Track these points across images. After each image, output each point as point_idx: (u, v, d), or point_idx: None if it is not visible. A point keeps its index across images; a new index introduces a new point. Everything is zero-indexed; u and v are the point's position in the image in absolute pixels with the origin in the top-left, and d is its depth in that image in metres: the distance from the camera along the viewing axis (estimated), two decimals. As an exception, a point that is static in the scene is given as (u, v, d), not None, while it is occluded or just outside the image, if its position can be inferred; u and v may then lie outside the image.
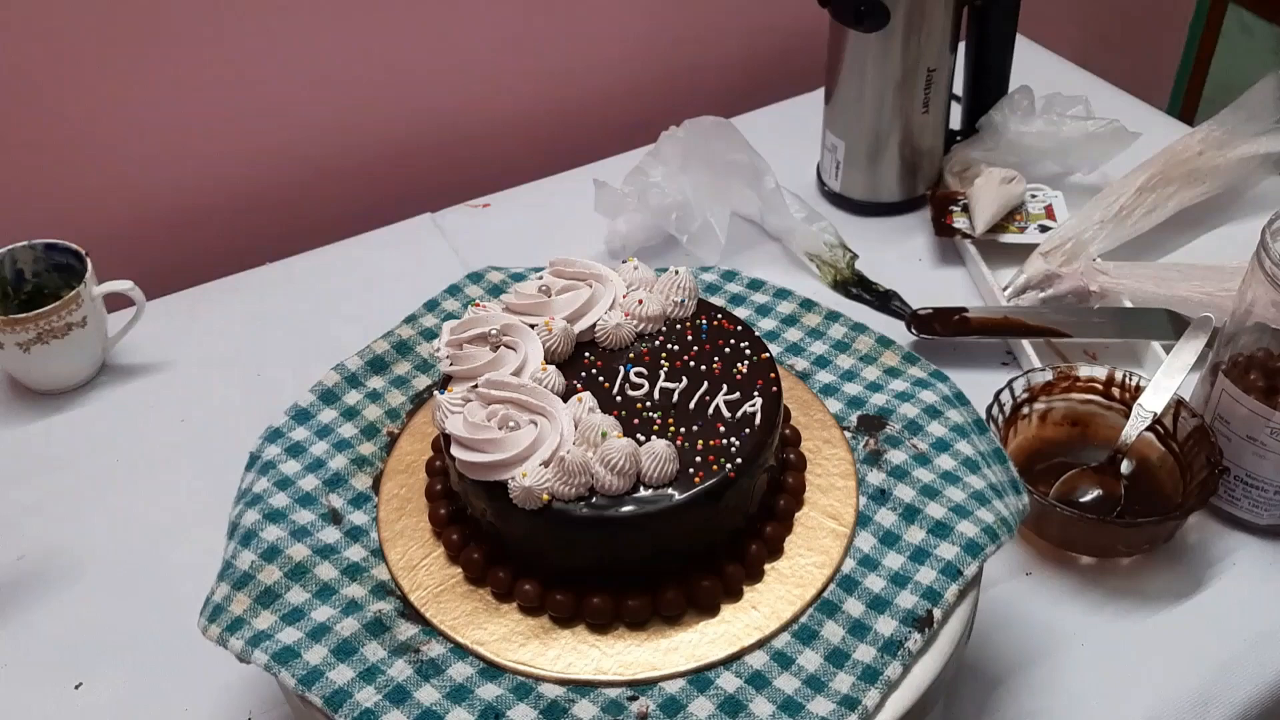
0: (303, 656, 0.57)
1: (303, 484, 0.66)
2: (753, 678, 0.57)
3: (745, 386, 0.63)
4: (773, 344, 0.73)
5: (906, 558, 0.61)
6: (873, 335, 0.73)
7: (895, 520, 0.63)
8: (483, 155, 1.16)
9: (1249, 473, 0.74)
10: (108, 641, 0.72)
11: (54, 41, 0.92)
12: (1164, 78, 1.70)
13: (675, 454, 0.59)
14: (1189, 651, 0.70)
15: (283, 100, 1.04)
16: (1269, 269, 0.68)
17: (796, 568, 0.61)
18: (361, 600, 0.60)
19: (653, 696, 0.56)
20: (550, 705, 0.56)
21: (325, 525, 0.64)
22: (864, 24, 0.96)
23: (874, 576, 0.60)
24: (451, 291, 0.79)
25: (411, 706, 0.55)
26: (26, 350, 0.84)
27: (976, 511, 0.62)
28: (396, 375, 0.73)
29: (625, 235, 0.99)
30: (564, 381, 0.63)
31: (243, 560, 0.62)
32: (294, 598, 0.60)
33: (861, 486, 0.65)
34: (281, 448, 0.68)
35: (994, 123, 1.05)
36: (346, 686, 0.56)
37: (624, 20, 1.16)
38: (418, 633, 0.59)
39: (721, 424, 0.61)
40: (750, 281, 0.79)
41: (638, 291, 0.67)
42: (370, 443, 0.69)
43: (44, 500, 0.81)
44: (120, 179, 1.00)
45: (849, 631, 0.58)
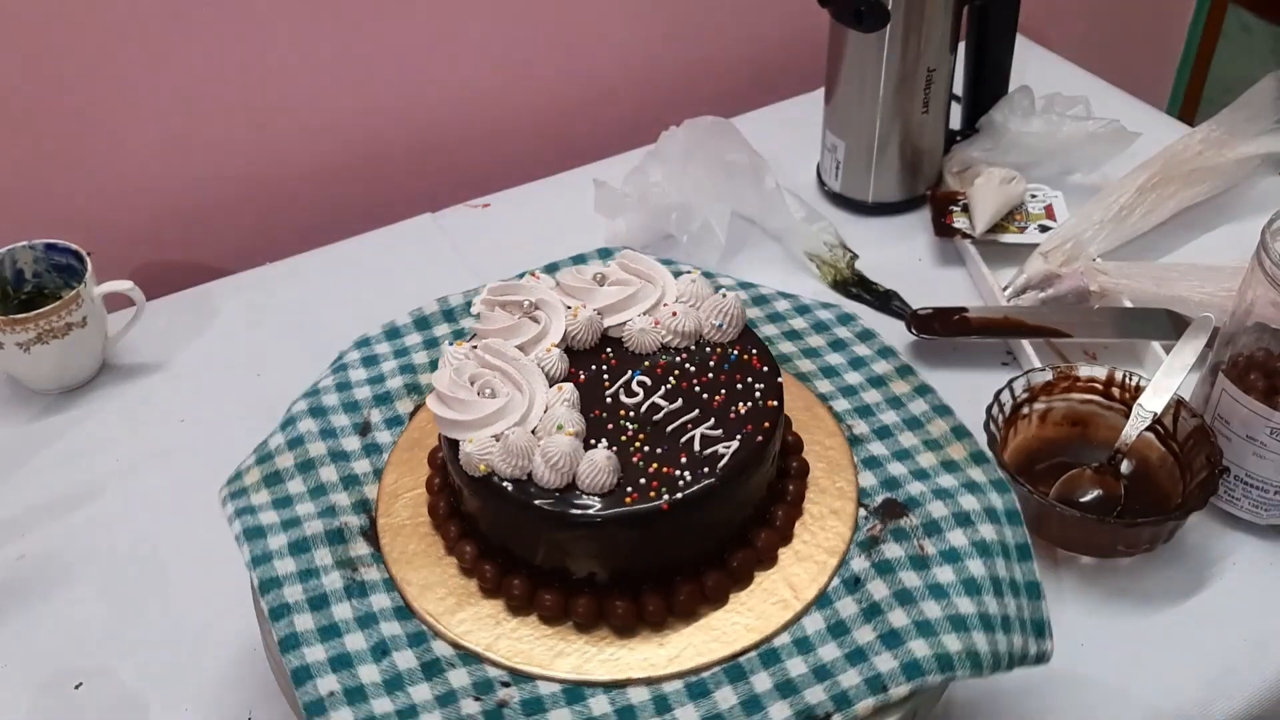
0: (266, 539, 0.62)
1: (357, 392, 0.71)
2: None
3: (732, 427, 0.61)
4: (848, 400, 0.70)
5: (843, 654, 0.58)
6: (951, 421, 0.68)
7: (854, 613, 0.59)
8: (483, 155, 1.16)
9: (1249, 473, 0.74)
10: (108, 641, 0.72)
11: (54, 42, 0.92)
12: (1164, 78, 1.70)
13: (615, 468, 0.58)
14: (1189, 651, 0.70)
15: (283, 100, 1.04)
16: (1269, 269, 0.68)
17: (728, 623, 0.60)
18: (340, 509, 0.64)
19: (522, 690, 0.58)
20: (433, 662, 0.58)
21: (353, 434, 0.68)
22: (864, 24, 0.96)
23: (798, 660, 0.58)
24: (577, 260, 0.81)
25: (322, 616, 0.59)
26: (26, 350, 0.84)
27: (944, 635, 0.57)
28: None
29: (625, 235, 0.99)
30: (566, 368, 0.64)
31: (275, 440, 0.68)
32: (292, 487, 0.65)
33: (841, 568, 0.61)
34: (360, 354, 0.73)
35: (994, 123, 1.05)
36: (282, 579, 0.61)
37: (624, 20, 1.16)
38: (366, 555, 0.63)
39: (686, 455, 0.60)
40: (862, 331, 0.75)
41: (682, 304, 0.66)
42: (432, 373, 0.70)
43: (44, 500, 0.81)
44: (120, 179, 1.00)
45: (741, 703, 0.56)
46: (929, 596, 0.59)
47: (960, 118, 1.10)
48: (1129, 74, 1.31)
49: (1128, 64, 1.49)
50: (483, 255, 1.01)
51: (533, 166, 1.13)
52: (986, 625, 0.58)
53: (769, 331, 0.75)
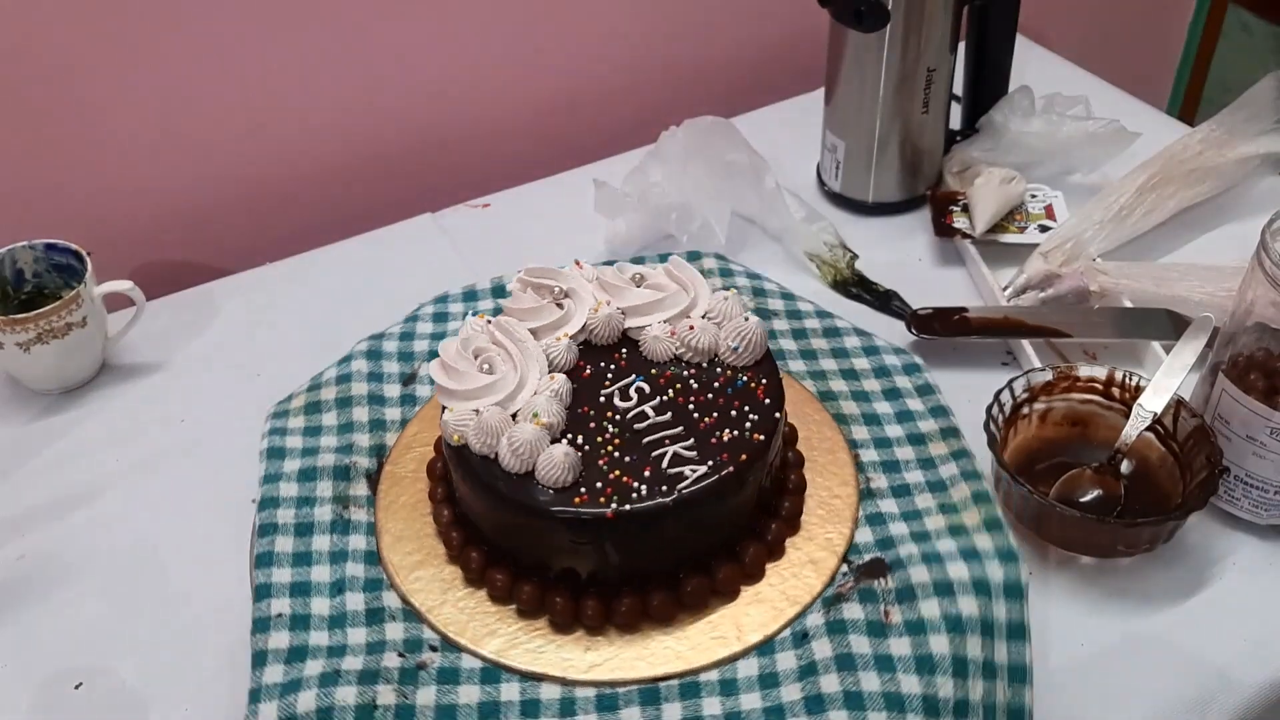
0: (283, 461, 0.68)
1: (416, 344, 0.76)
2: None
3: (708, 452, 0.60)
4: (879, 452, 0.68)
5: (762, 706, 0.57)
6: (975, 486, 0.66)
7: (790, 668, 0.58)
8: (483, 155, 1.16)
9: (1249, 473, 0.74)
10: (108, 641, 0.72)
11: (54, 42, 0.92)
12: (1164, 78, 1.70)
13: (573, 465, 0.59)
14: (1189, 651, 0.70)
15: (283, 100, 1.04)
16: (1269, 269, 0.68)
17: (660, 646, 0.59)
18: (356, 449, 0.69)
19: (445, 659, 0.60)
20: (377, 610, 0.61)
21: (397, 382, 0.73)
22: (864, 24, 0.96)
23: (715, 700, 0.57)
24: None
25: (301, 543, 0.64)
26: (26, 350, 0.84)
27: (871, 712, 0.55)
28: None
29: (625, 235, 0.99)
30: (573, 358, 0.65)
31: (328, 372, 0.74)
32: (325, 420, 0.71)
33: (796, 620, 0.60)
34: (433, 309, 0.79)
35: (994, 123, 1.05)
36: (281, 500, 0.67)
37: (624, 20, 1.16)
38: (362, 496, 0.66)
39: (651, 469, 0.60)
40: (923, 385, 0.74)
41: (707, 319, 0.65)
42: None
43: (44, 500, 0.81)
44: (120, 179, 1.00)
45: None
46: (872, 667, 0.57)
47: (960, 118, 1.10)
48: (1129, 74, 1.31)
49: (1128, 64, 1.49)
50: (483, 255, 1.01)
51: (533, 166, 1.13)
52: (930, 709, 0.55)
53: (828, 366, 0.73)
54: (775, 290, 0.86)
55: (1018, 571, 0.60)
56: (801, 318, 0.82)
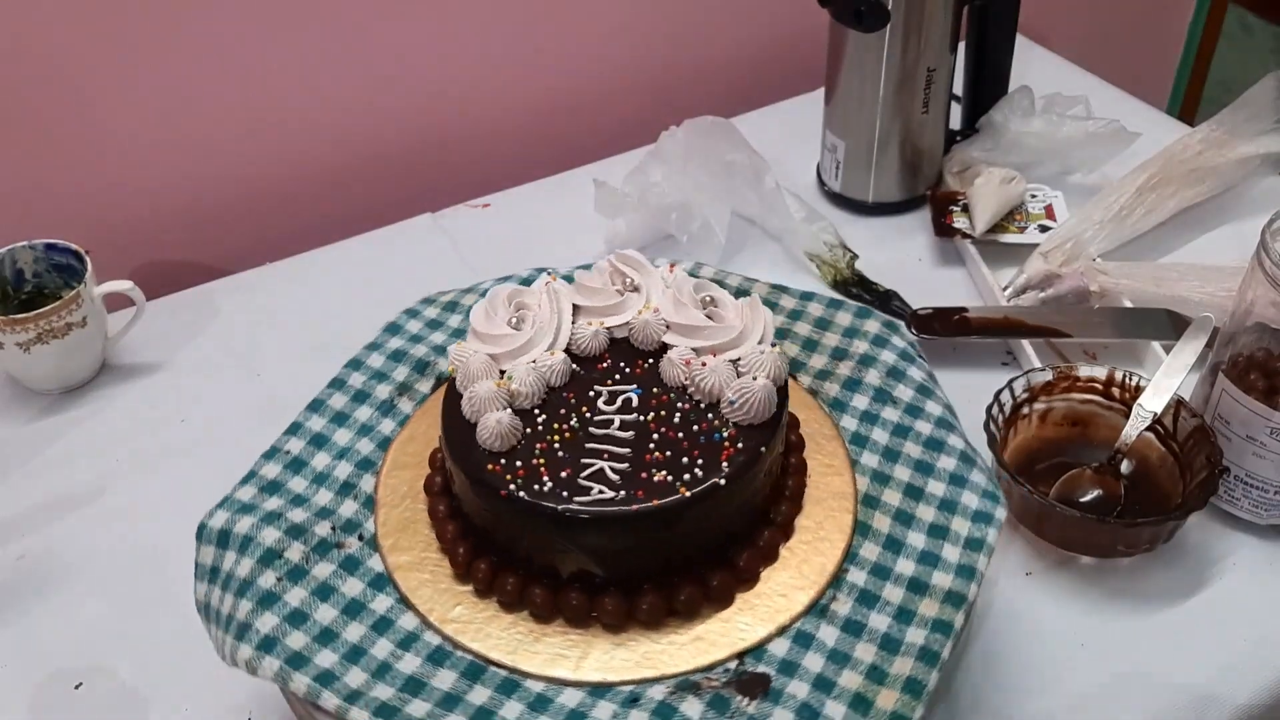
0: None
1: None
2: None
3: (627, 484, 0.58)
4: (857, 574, 0.62)
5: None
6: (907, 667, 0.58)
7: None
8: (483, 155, 1.16)
9: (1249, 473, 0.74)
10: (108, 641, 0.72)
11: (54, 42, 0.91)
12: (1164, 78, 1.70)
13: (505, 435, 0.60)
14: (1189, 652, 0.70)
15: (283, 100, 1.04)
16: (1269, 269, 0.68)
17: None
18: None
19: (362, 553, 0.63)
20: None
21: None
22: (864, 24, 0.96)
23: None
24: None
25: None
26: (26, 350, 0.84)
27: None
28: None
29: (625, 235, 0.99)
30: (600, 347, 0.65)
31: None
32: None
33: (635, 695, 0.57)
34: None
35: (994, 123, 1.05)
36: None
37: (624, 20, 1.16)
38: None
39: (568, 473, 0.59)
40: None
41: (733, 353, 0.63)
42: None
43: (44, 500, 0.81)
44: (120, 179, 1.00)
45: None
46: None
47: (960, 118, 1.10)
48: (1129, 74, 1.31)
49: (1128, 64, 1.49)
50: (483, 255, 1.01)
51: (533, 166, 1.13)
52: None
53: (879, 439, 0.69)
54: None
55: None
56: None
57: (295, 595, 0.60)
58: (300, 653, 0.58)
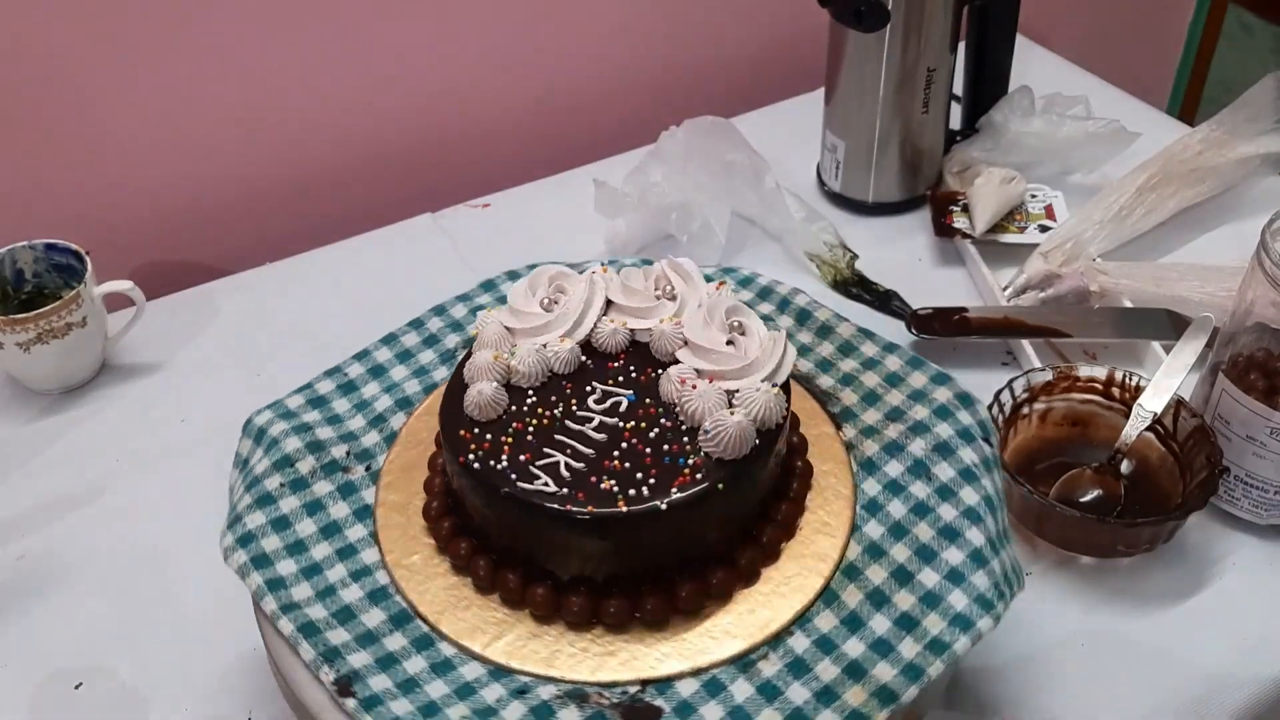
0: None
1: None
2: None
3: (574, 484, 0.58)
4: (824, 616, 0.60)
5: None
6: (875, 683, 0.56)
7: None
8: (483, 155, 1.16)
9: (1249, 473, 0.74)
10: (107, 641, 0.72)
11: (54, 42, 0.91)
12: (1164, 78, 1.70)
13: (486, 406, 0.61)
14: (1189, 652, 0.70)
15: (283, 100, 1.04)
16: (1269, 269, 0.68)
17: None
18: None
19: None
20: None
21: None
22: (864, 24, 0.96)
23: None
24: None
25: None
26: (26, 350, 0.84)
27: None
28: None
29: (625, 235, 0.99)
30: (619, 346, 0.65)
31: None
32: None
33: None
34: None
35: (994, 123, 1.05)
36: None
37: (624, 20, 1.16)
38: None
39: (527, 457, 0.60)
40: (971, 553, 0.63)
41: (733, 384, 0.62)
42: None
43: (44, 500, 0.81)
44: (120, 179, 1.00)
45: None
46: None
47: (960, 118, 1.10)
48: (1129, 74, 1.31)
49: (1128, 64, 1.49)
50: (483, 255, 1.01)
51: (533, 166, 1.13)
52: None
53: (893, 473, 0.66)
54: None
55: None
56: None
57: (289, 503, 0.64)
58: (268, 555, 0.61)
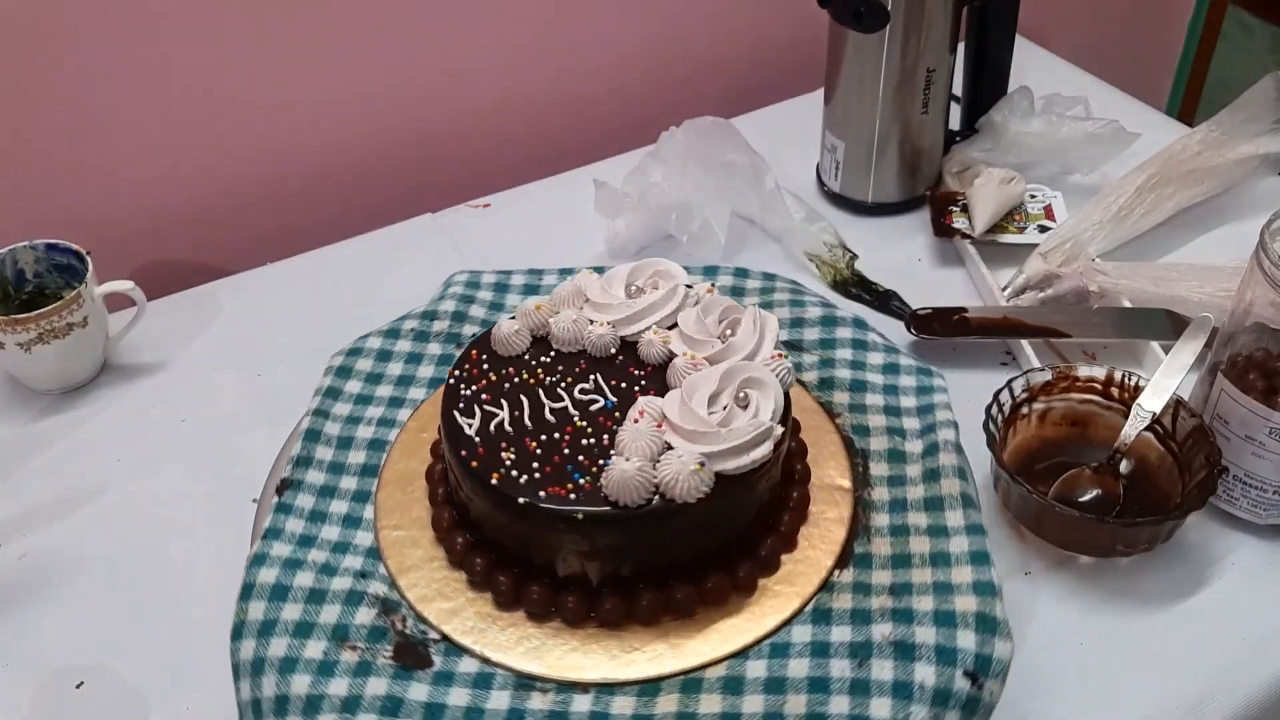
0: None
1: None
2: None
3: (520, 463, 0.61)
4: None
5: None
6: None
7: None
8: (483, 155, 1.16)
9: (1248, 473, 0.74)
10: (108, 641, 0.72)
11: (55, 42, 0.92)
12: (1164, 78, 1.70)
13: (501, 341, 0.67)
14: (1188, 651, 0.70)
15: (283, 101, 1.04)
16: (1268, 269, 0.68)
17: None
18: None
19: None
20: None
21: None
22: (864, 24, 0.96)
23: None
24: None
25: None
26: (27, 350, 0.85)
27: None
28: None
29: (625, 235, 0.99)
30: (658, 358, 0.66)
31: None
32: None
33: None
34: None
35: (994, 123, 1.05)
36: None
37: (624, 20, 1.16)
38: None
39: (505, 407, 0.64)
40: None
41: (680, 429, 0.63)
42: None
43: (44, 500, 0.81)
44: (120, 179, 1.00)
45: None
46: None
47: (960, 118, 1.10)
48: (1129, 74, 1.31)
49: (1128, 64, 1.49)
50: (483, 255, 1.01)
51: (533, 166, 1.13)
52: None
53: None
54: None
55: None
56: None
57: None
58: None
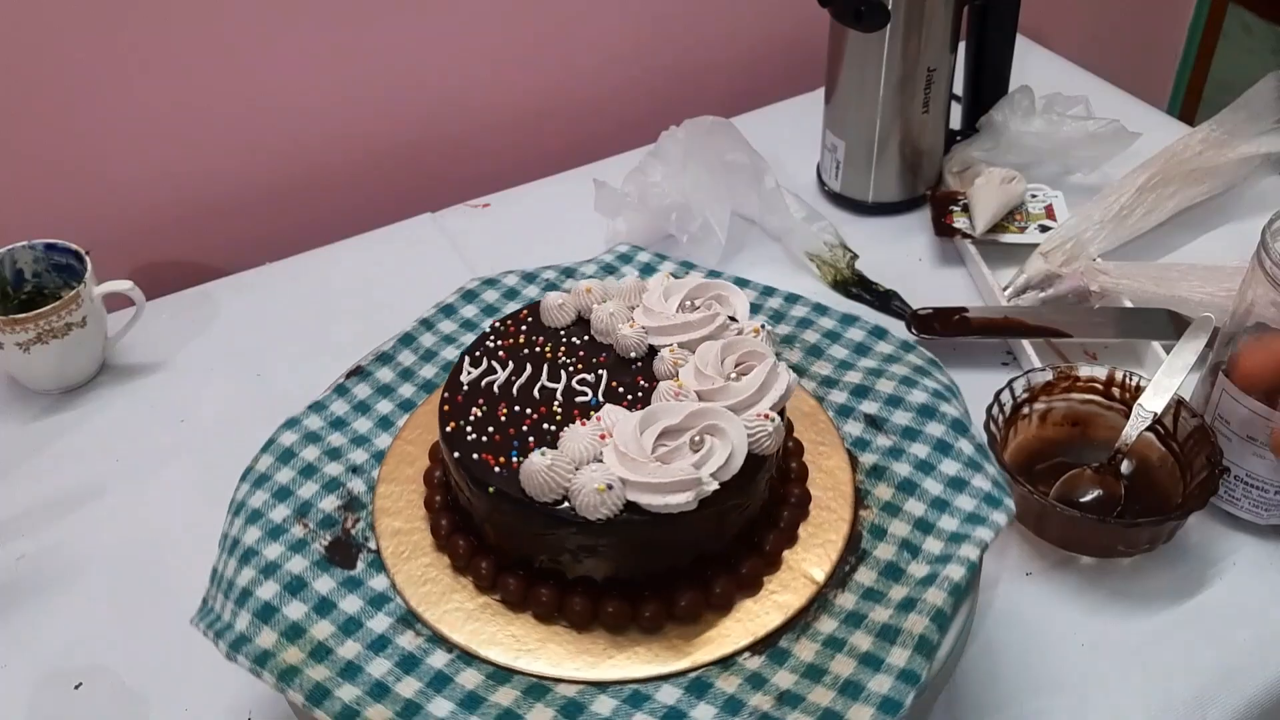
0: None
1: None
2: None
3: (498, 443, 0.61)
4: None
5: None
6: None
7: None
8: (483, 155, 1.16)
9: (1249, 473, 0.74)
10: (108, 641, 0.72)
11: (54, 42, 0.92)
12: (1164, 78, 1.70)
13: (549, 310, 0.67)
14: (1189, 652, 0.70)
15: (283, 100, 1.04)
16: (1269, 269, 0.68)
17: None
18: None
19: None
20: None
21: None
22: (864, 24, 0.96)
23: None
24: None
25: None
26: (26, 350, 0.84)
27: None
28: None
29: (625, 235, 0.99)
30: (665, 372, 0.65)
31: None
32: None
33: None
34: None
35: (994, 123, 1.05)
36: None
37: (624, 20, 1.16)
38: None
39: (510, 374, 0.65)
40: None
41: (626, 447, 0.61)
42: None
43: (44, 500, 0.81)
44: (120, 179, 1.00)
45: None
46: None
47: (960, 118, 1.10)
48: (1129, 74, 1.31)
49: (1128, 64, 1.49)
50: (483, 255, 1.01)
51: (533, 166, 1.13)
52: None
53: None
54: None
55: None
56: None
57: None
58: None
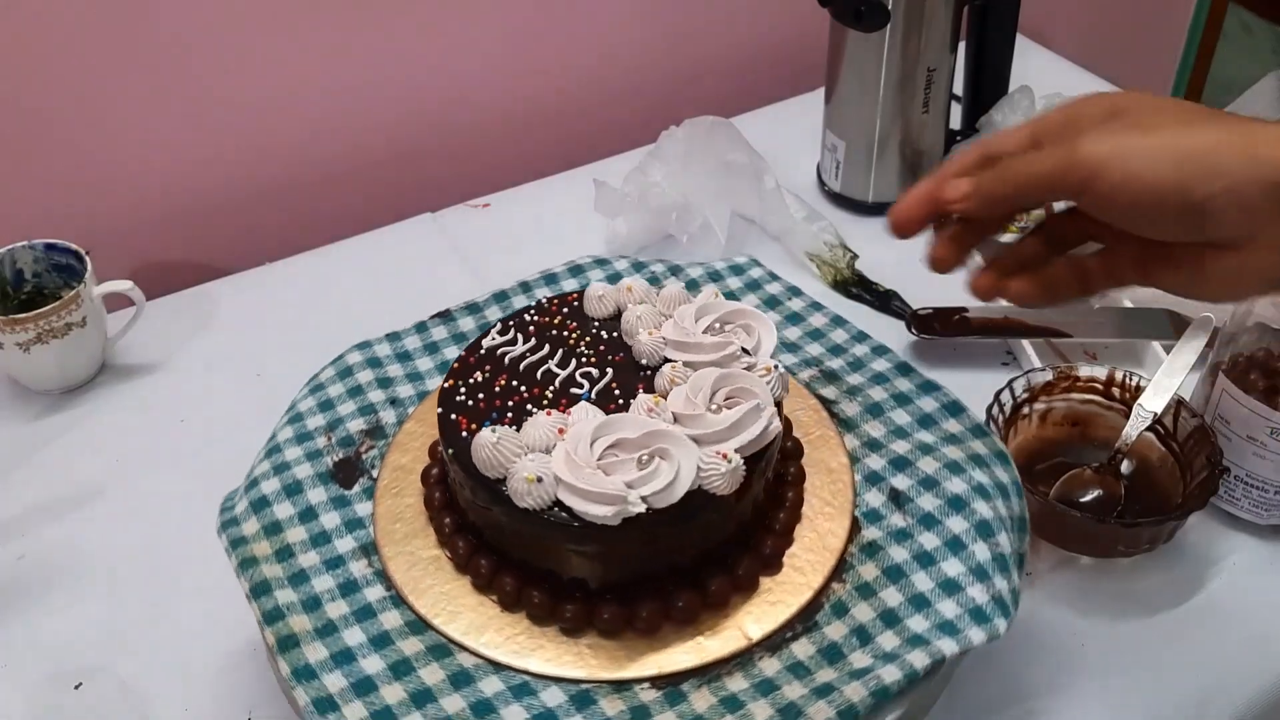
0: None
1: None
2: None
3: (505, 407, 0.62)
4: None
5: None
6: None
7: None
8: (483, 155, 1.16)
9: (1249, 473, 0.74)
10: (108, 641, 0.72)
11: (53, 41, 0.91)
12: (1164, 78, 1.70)
13: (593, 299, 0.68)
14: (1189, 651, 0.70)
15: (283, 100, 1.04)
16: (1269, 269, 0.68)
17: None
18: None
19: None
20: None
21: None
22: (864, 24, 0.96)
23: None
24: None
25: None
26: (26, 350, 0.84)
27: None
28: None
29: (625, 235, 0.99)
30: (665, 386, 0.64)
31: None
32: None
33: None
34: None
35: (994, 123, 1.05)
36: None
37: (624, 20, 1.16)
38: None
39: (516, 360, 0.65)
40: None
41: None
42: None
43: (44, 500, 0.81)
44: (120, 179, 1.00)
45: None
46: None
47: (961, 117, 1.10)
48: (1129, 74, 1.31)
49: (1128, 64, 1.49)
50: (483, 255, 1.01)
51: (533, 166, 1.13)
52: None
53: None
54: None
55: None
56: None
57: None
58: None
